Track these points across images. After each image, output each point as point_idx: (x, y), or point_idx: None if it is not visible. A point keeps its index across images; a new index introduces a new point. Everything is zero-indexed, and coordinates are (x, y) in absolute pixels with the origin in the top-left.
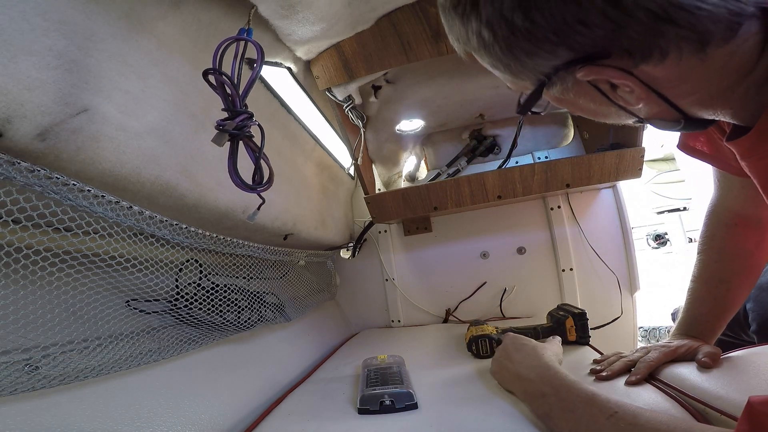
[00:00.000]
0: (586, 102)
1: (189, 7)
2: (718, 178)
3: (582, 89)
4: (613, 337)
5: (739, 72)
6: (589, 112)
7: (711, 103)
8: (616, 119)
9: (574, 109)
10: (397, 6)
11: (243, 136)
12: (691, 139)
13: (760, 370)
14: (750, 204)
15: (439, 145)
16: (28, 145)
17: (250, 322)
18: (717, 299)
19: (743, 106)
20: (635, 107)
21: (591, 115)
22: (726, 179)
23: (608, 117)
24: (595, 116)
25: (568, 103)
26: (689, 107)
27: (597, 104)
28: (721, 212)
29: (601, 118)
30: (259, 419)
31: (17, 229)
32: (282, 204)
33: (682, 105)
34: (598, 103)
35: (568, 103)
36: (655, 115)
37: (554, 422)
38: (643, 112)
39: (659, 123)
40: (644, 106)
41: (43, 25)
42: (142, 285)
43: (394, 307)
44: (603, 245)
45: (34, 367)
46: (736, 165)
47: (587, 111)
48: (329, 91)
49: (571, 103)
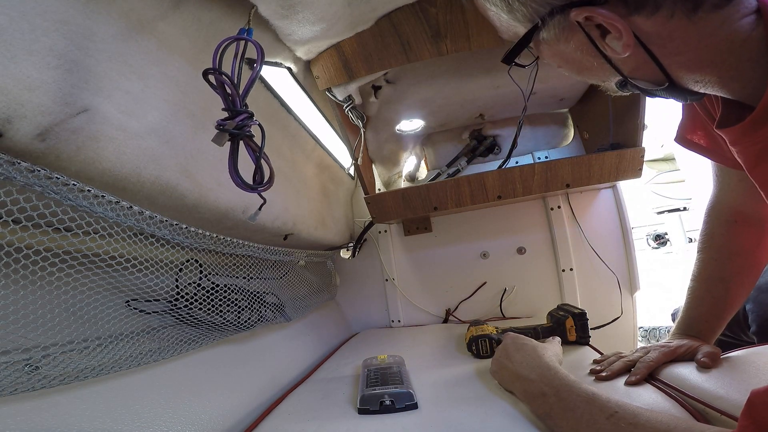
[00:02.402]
0: (573, 51)
1: (189, 7)
2: (716, 173)
3: (572, 35)
4: (613, 337)
5: (729, 41)
6: (574, 65)
7: (698, 68)
8: (599, 75)
9: (560, 60)
10: (397, 6)
11: (243, 135)
12: (689, 131)
13: (760, 370)
14: (749, 199)
15: (439, 145)
16: (28, 145)
17: (250, 322)
18: (716, 298)
19: (733, 77)
20: (620, 57)
21: (575, 68)
22: (724, 174)
23: (591, 72)
24: (579, 71)
25: (553, 53)
26: (675, 69)
27: (583, 53)
28: (721, 209)
29: (585, 73)
30: (259, 419)
31: (17, 229)
32: (282, 204)
33: (667, 65)
34: (584, 52)
35: (553, 54)
36: (638, 72)
37: (554, 422)
38: (627, 67)
39: (642, 84)
40: (630, 59)
41: (43, 25)
42: (142, 285)
43: (394, 307)
44: (603, 245)
45: (34, 367)
46: (732, 157)
47: (572, 62)
48: (329, 91)
49: (557, 54)
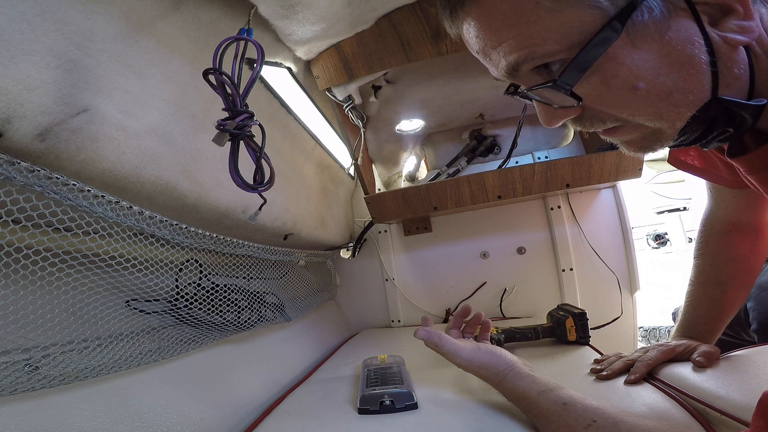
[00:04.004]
0: (668, 52)
1: (189, 7)
2: (710, 189)
3: (673, 24)
4: (613, 337)
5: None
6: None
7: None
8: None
9: (629, 75)
10: (397, 6)
11: (244, 135)
12: (682, 152)
13: (761, 369)
14: (742, 212)
15: (439, 145)
16: (28, 145)
17: (250, 322)
18: (713, 301)
19: None
20: (731, 65)
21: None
22: (718, 191)
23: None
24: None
25: (631, 59)
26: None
27: (678, 55)
28: (715, 221)
29: (662, 98)
30: (259, 419)
31: (17, 229)
32: (282, 204)
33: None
34: (680, 54)
35: (630, 60)
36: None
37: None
38: (733, 81)
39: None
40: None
41: (43, 25)
42: (142, 285)
43: (394, 307)
44: (603, 245)
45: (34, 367)
46: (728, 178)
47: (645, 75)
48: (329, 91)
49: (637, 61)
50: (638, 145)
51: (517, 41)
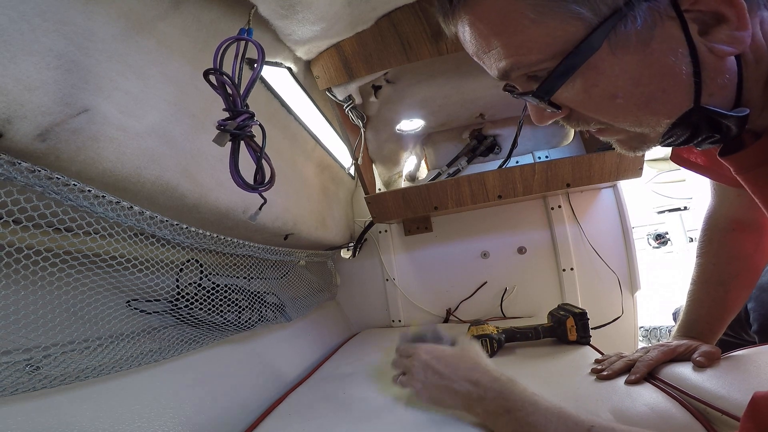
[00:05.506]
0: (649, 62)
1: (189, 7)
2: (713, 187)
3: (657, 33)
4: (614, 337)
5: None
6: (632, 86)
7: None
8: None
9: (609, 84)
10: (397, 6)
11: (244, 135)
12: (685, 149)
13: (761, 369)
14: (747, 210)
15: (440, 145)
16: (29, 146)
17: (250, 322)
18: (715, 301)
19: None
20: (717, 75)
21: (629, 97)
22: (721, 189)
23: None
24: (635, 100)
25: (611, 69)
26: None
27: (659, 66)
28: (718, 219)
29: (640, 107)
30: (259, 419)
31: (18, 229)
32: (282, 204)
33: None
34: (661, 65)
35: (610, 70)
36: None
37: None
38: (719, 89)
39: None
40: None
41: (43, 25)
42: (142, 285)
43: (394, 307)
44: (603, 245)
45: (34, 368)
46: (730, 176)
47: (634, 82)
48: (329, 91)
49: (617, 71)
50: (627, 145)
51: (504, 50)
